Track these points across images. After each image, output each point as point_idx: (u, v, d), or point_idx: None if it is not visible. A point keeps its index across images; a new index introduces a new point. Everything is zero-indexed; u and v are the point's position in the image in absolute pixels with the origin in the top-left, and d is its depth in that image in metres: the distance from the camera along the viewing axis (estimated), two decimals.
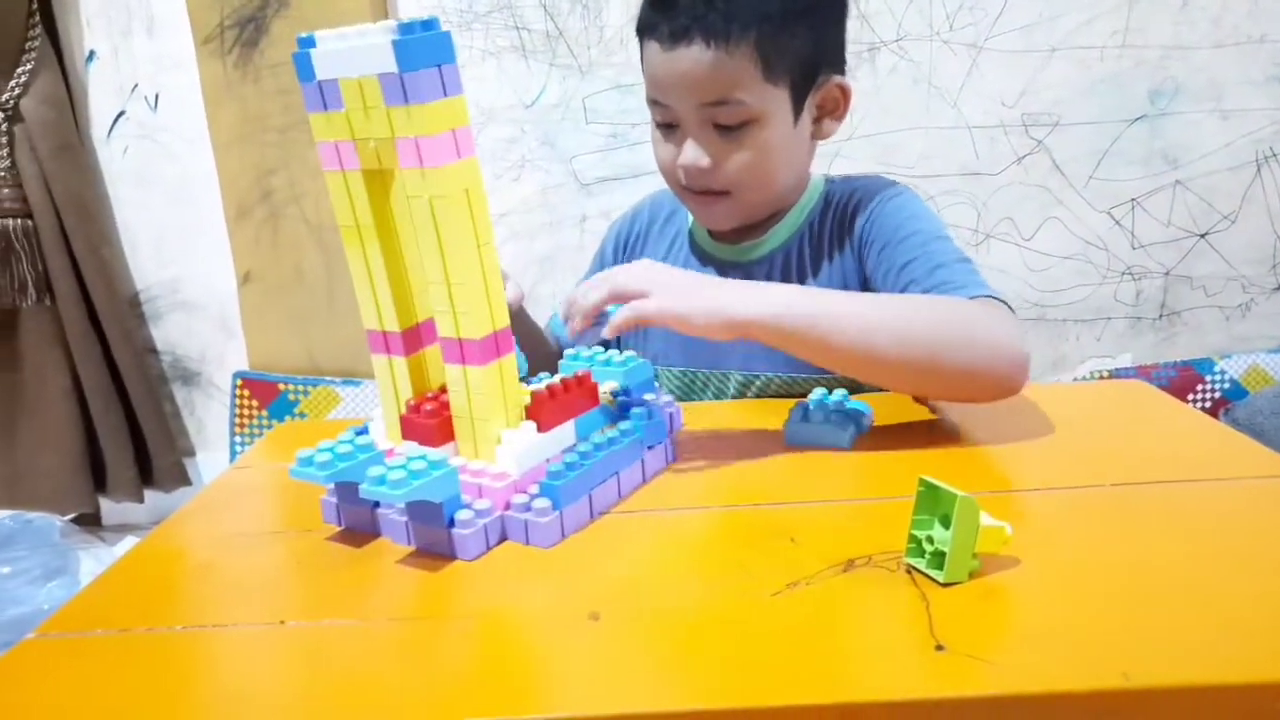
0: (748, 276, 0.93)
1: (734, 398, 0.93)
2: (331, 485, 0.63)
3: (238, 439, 1.86)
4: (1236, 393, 1.72)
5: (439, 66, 0.54)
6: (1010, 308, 0.77)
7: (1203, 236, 1.78)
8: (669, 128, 0.87)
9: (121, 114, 1.88)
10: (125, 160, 1.90)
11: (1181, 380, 1.74)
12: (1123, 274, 1.81)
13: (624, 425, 0.67)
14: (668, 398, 0.75)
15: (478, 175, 0.57)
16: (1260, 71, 1.70)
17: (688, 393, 0.95)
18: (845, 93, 0.89)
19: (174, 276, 1.95)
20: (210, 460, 2.01)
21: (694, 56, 0.81)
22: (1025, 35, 1.71)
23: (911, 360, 0.71)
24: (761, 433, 0.76)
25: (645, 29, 0.85)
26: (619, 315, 0.67)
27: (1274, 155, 1.74)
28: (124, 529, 2.00)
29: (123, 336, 1.88)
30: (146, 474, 1.95)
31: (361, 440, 0.61)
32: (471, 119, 0.58)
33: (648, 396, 0.73)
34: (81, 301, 1.84)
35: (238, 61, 1.78)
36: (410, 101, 0.54)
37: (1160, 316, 1.83)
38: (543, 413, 0.62)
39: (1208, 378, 1.74)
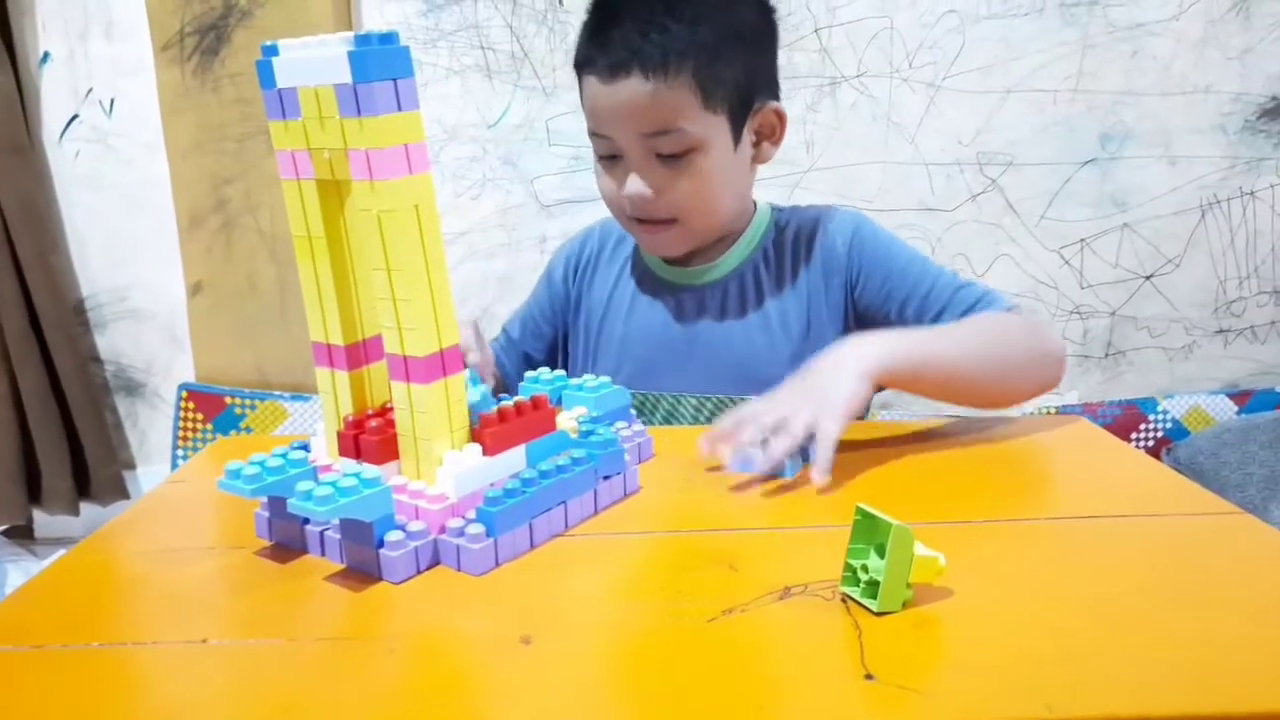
0: (700, 300, 0.94)
1: (690, 421, 0.93)
2: (264, 499, 0.61)
3: (180, 453, 1.82)
4: (1179, 432, 1.76)
5: (394, 80, 0.54)
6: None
7: (1148, 279, 1.83)
8: (611, 159, 0.88)
9: (75, 117, 1.85)
10: (77, 164, 1.86)
11: (1126, 418, 1.77)
12: (1071, 313, 1.84)
13: (578, 453, 0.65)
14: (639, 427, 0.74)
15: (430, 192, 0.57)
16: (1206, 120, 1.76)
17: (639, 414, 0.95)
18: (781, 117, 0.91)
19: (122, 284, 1.91)
20: (151, 474, 1.96)
21: (633, 89, 0.81)
22: (982, 76, 1.75)
23: (991, 377, 0.81)
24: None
25: (583, 63, 0.85)
26: (822, 460, 0.68)
27: (1218, 201, 1.79)
28: (57, 543, 1.94)
29: (65, 344, 1.83)
30: (83, 486, 1.89)
31: (296, 455, 0.59)
32: (434, 136, 0.58)
33: (619, 424, 0.73)
34: (24, 306, 1.79)
35: (197, 69, 1.76)
36: (363, 113, 0.54)
37: (1106, 355, 1.86)
38: (489, 436, 0.61)
39: (1151, 417, 1.78)
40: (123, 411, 1.96)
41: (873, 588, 0.52)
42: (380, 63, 0.53)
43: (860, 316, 0.92)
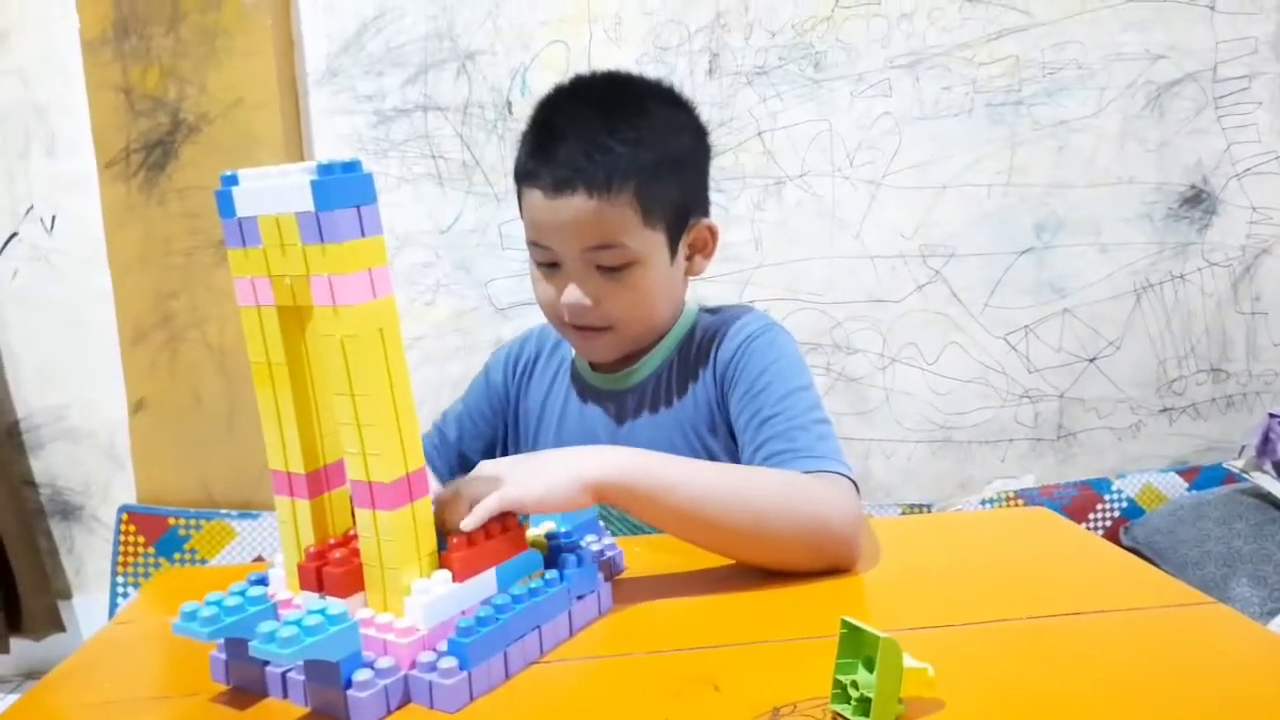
0: (621, 405, 0.95)
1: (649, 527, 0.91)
2: (220, 642, 0.58)
3: (120, 579, 1.74)
4: (1134, 511, 1.79)
5: (358, 207, 0.54)
6: (854, 482, 0.78)
7: (1092, 361, 1.88)
8: (551, 266, 0.89)
9: (14, 235, 1.82)
10: (14, 283, 1.82)
11: (1082, 499, 1.80)
12: (1021, 397, 1.88)
13: (550, 574, 0.63)
14: (610, 540, 0.73)
15: (394, 315, 0.57)
16: (1131, 209, 1.84)
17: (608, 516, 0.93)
18: (714, 233, 0.94)
19: (59, 403, 1.85)
20: (88, 603, 1.87)
21: (577, 205, 0.83)
22: (919, 173, 1.82)
23: (737, 528, 0.72)
24: (692, 570, 0.74)
25: (525, 176, 0.87)
26: (481, 507, 0.62)
27: (1150, 285, 1.87)
28: None
29: None
30: (14, 619, 1.79)
31: (254, 591, 0.56)
32: (387, 243, 0.57)
33: (588, 539, 0.71)
34: None
35: (143, 184, 1.75)
36: (326, 240, 0.54)
37: (1059, 437, 1.90)
38: (458, 561, 0.59)
39: (1106, 497, 1.80)
40: (58, 536, 1.88)
41: (864, 705, 0.51)
42: (344, 190, 0.53)
43: (728, 424, 0.92)
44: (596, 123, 0.84)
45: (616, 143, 0.83)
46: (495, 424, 1.03)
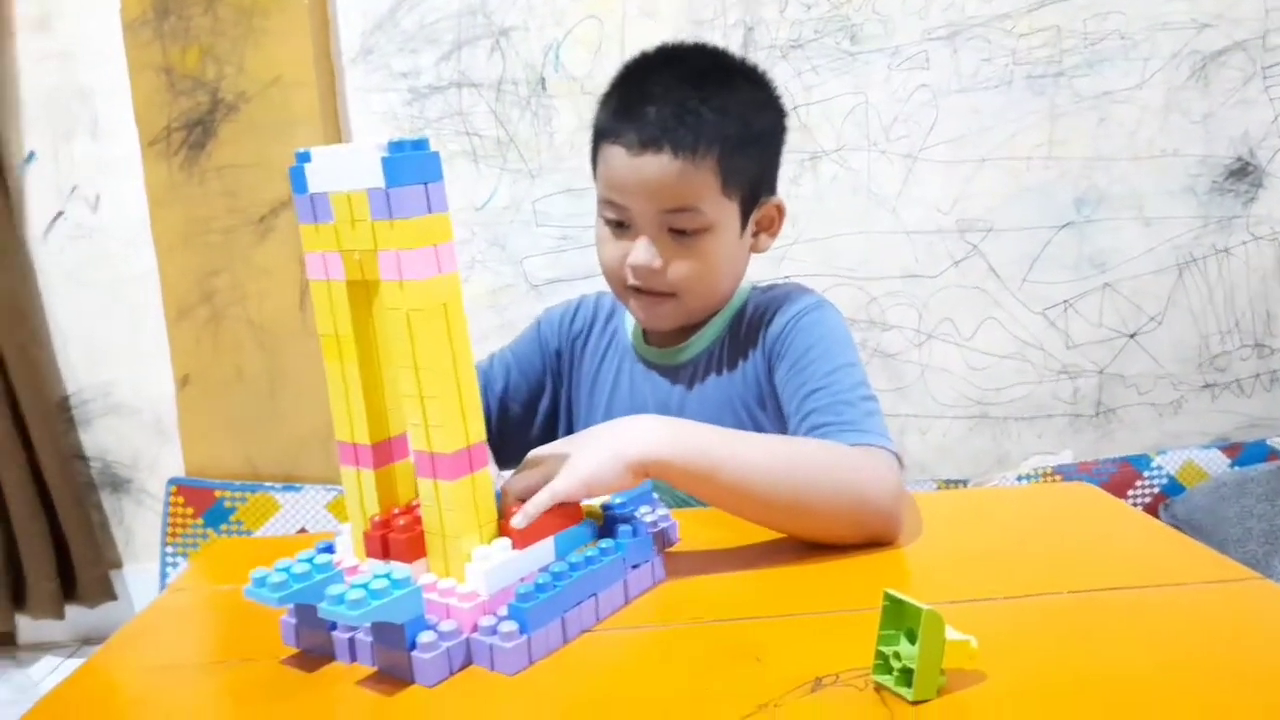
0: (672, 379, 0.96)
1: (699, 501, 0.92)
2: (290, 606, 0.60)
3: (169, 549, 1.78)
4: (1173, 488, 1.77)
5: (425, 184, 0.56)
6: (898, 457, 0.78)
7: (1132, 337, 1.86)
8: (620, 226, 0.89)
9: (60, 214, 1.85)
10: (62, 260, 1.86)
11: (1120, 476, 1.78)
12: (1059, 373, 1.86)
13: (606, 543, 0.65)
14: (664, 511, 0.74)
15: (458, 291, 0.58)
16: (1175, 182, 1.81)
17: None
18: (781, 211, 0.95)
19: (107, 379, 1.89)
20: (138, 572, 1.92)
21: (661, 165, 0.84)
22: (957, 146, 1.79)
23: (779, 499, 0.72)
24: (742, 545, 0.75)
25: (609, 133, 0.88)
26: (532, 505, 0.63)
27: (1194, 260, 1.84)
28: (41, 648, 1.88)
29: (49, 441, 1.80)
30: (69, 588, 1.85)
31: (321, 558, 0.58)
32: None
33: (642, 510, 0.72)
34: (6, 404, 1.77)
35: (184, 163, 1.77)
36: (394, 216, 0.55)
37: (1097, 414, 1.88)
38: (518, 529, 0.60)
39: (1145, 474, 1.78)
40: (108, 508, 1.93)
41: (906, 676, 0.52)
42: (412, 168, 0.55)
43: (776, 399, 0.92)
44: (688, 89, 0.85)
45: (707, 109, 0.85)
46: (543, 380, 1.04)
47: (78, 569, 1.83)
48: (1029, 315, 1.84)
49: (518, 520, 0.61)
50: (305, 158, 0.59)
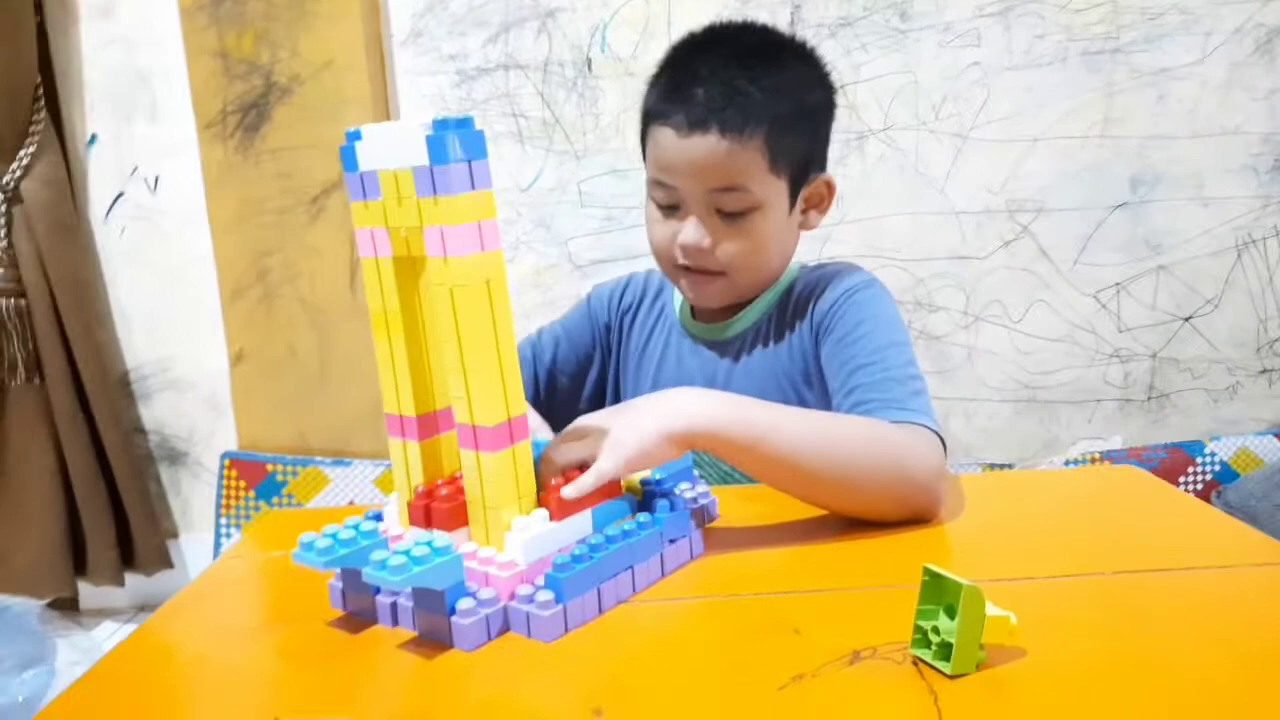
0: (719, 355, 0.97)
1: (743, 478, 0.92)
2: (338, 570, 0.62)
3: (224, 520, 1.84)
4: (1226, 475, 1.73)
5: (469, 162, 0.57)
6: (941, 438, 0.77)
7: (1187, 320, 1.81)
8: (670, 208, 0.90)
9: (120, 196, 1.91)
10: (122, 241, 1.92)
11: (1172, 462, 1.75)
12: (1110, 356, 1.83)
13: (644, 517, 0.66)
14: (703, 488, 0.75)
15: (501, 268, 0.59)
16: (1236, 161, 1.76)
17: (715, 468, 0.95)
18: (830, 188, 0.95)
19: (165, 356, 1.95)
20: (194, 542, 1.98)
21: (710, 145, 0.85)
22: (1008, 125, 1.76)
23: (821, 473, 0.72)
24: (783, 521, 0.75)
25: (658, 115, 0.89)
26: (579, 484, 0.63)
27: (1253, 241, 1.78)
28: (102, 614, 1.95)
29: (111, 416, 1.86)
30: (128, 556, 1.91)
31: (367, 526, 0.60)
32: None
33: (682, 486, 0.73)
34: (71, 381, 1.83)
35: (239, 145, 1.81)
36: (439, 193, 0.57)
37: (1149, 399, 1.84)
38: (557, 502, 0.62)
39: (1198, 460, 1.75)
40: (166, 480, 1.99)
41: (945, 650, 0.52)
42: (456, 145, 0.56)
43: (822, 375, 0.92)
44: (736, 68, 0.86)
45: (755, 89, 0.85)
46: (591, 353, 1.06)
47: (136, 538, 1.89)
48: (1080, 298, 1.81)
49: (569, 492, 0.62)
50: (356, 136, 0.60)
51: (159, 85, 1.86)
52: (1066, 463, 1.80)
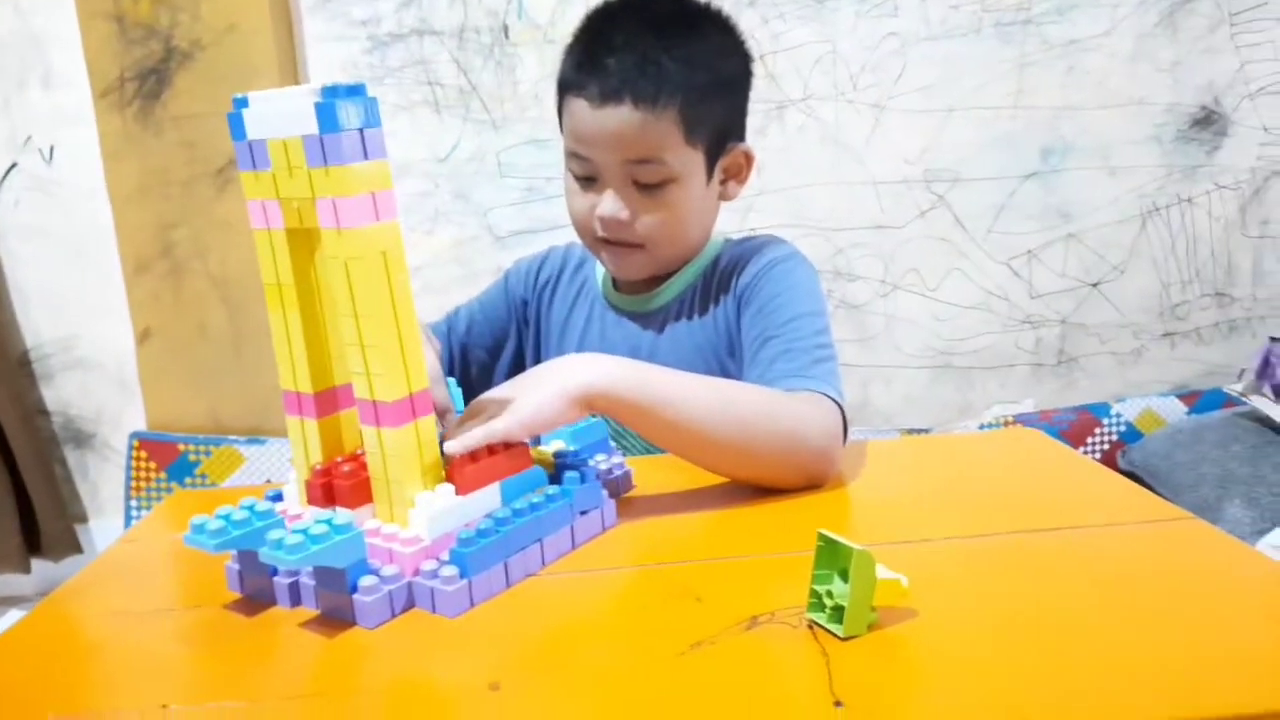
0: (643, 327, 0.97)
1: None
2: (234, 552, 0.60)
3: (134, 503, 1.78)
4: (1132, 435, 1.80)
5: (361, 130, 0.55)
6: (840, 407, 0.78)
7: (1095, 286, 1.87)
8: (587, 180, 0.89)
9: (14, 166, 1.82)
10: (16, 213, 1.83)
11: (1080, 424, 1.81)
12: (1022, 323, 1.88)
13: (553, 490, 0.65)
14: (619, 459, 0.74)
15: (397, 239, 0.58)
16: (1141, 131, 1.81)
17: (617, 442, 0.95)
18: (749, 159, 0.95)
19: (68, 334, 1.87)
20: (104, 526, 1.92)
21: (623, 116, 0.84)
22: (925, 96, 1.79)
23: (718, 438, 0.73)
24: (695, 489, 0.76)
25: (572, 86, 0.87)
26: (469, 437, 0.62)
27: (1157, 209, 1.85)
28: (7, 602, 1.88)
29: (10, 397, 1.78)
30: (34, 542, 1.84)
31: (262, 506, 0.59)
32: None
33: (598, 458, 0.72)
34: None
35: (138, 114, 1.73)
36: (330, 162, 0.55)
37: (1059, 363, 1.90)
38: (461, 475, 0.61)
39: (1104, 421, 1.81)
40: (72, 463, 1.92)
41: (838, 613, 0.53)
42: (347, 113, 0.54)
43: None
44: (650, 38, 0.85)
45: (668, 59, 0.84)
46: (507, 328, 1.05)
47: (42, 523, 1.82)
48: (994, 265, 1.86)
49: (451, 447, 0.61)
50: (243, 103, 0.58)
51: (53, 50, 1.77)
52: (981, 426, 1.86)
